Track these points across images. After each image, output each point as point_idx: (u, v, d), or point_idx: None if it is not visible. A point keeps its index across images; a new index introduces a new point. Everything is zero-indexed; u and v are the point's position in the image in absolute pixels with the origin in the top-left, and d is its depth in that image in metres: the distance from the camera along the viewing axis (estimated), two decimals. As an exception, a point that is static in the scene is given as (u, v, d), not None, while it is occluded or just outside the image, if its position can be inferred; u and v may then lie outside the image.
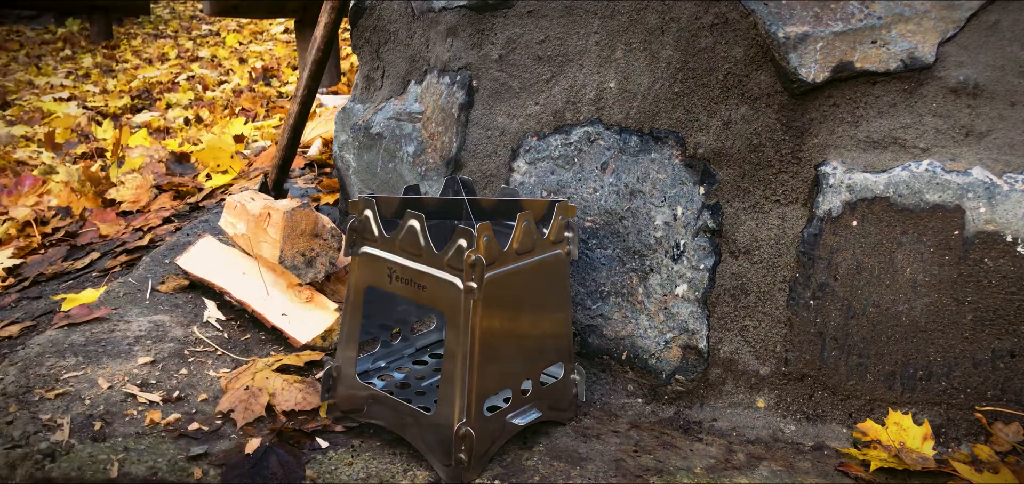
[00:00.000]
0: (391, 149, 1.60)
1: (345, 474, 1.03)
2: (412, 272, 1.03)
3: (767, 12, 1.13)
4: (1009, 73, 1.08)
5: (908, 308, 1.11)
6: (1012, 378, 1.09)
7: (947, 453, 1.09)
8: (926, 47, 1.09)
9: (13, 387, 1.19)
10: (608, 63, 1.30)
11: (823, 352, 1.16)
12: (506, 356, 1.05)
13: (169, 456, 1.05)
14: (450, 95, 1.47)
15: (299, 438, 1.11)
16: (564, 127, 1.35)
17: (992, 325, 1.09)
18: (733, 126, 1.20)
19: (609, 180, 1.29)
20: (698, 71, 1.21)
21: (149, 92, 4.36)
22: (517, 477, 1.03)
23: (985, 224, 1.07)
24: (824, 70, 1.11)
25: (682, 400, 1.23)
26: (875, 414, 1.14)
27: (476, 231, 0.96)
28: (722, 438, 1.15)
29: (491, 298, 0.99)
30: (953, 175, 1.09)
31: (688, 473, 1.05)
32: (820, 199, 1.15)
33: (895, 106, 1.12)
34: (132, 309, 1.48)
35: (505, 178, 1.41)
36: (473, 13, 1.42)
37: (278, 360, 1.29)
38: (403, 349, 1.31)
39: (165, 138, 3.37)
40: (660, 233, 1.25)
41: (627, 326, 1.27)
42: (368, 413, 1.10)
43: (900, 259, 1.11)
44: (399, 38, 1.62)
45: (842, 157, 1.14)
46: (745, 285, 1.20)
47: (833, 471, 1.06)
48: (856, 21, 1.10)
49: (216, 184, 2.41)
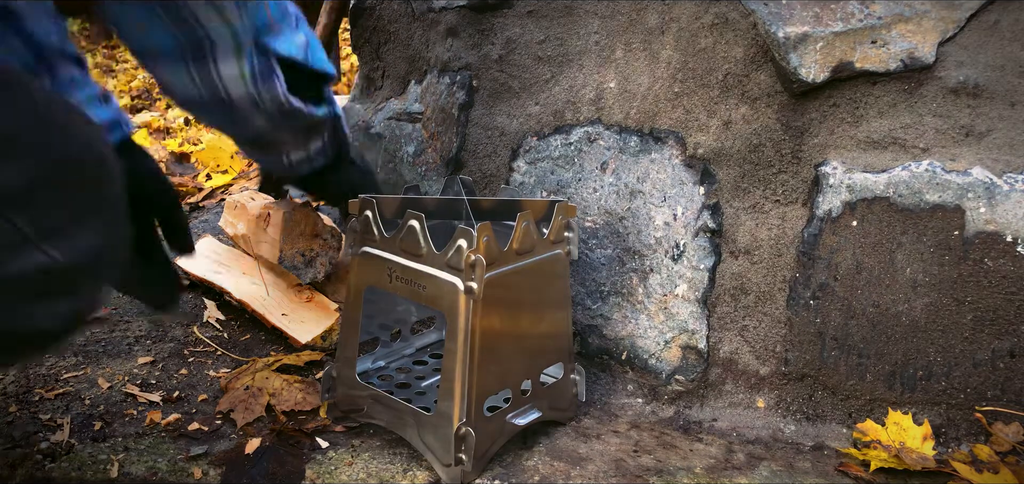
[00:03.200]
0: (391, 149, 1.60)
1: (345, 474, 1.03)
2: (412, 272, 1.03)
3: (767, 12, 1.13)
4: (1009, 73, 1.08)
5: (908, 308, 1.11)
6: (1012, 378, 1.09)
7: (947, 453, 1.09)
8: (926, 47, 1.09)
9: (13, 387, 1.19)
10: (608, 63, 1.30)
11: (823, 352, 1.16)
12: (506, 356, 1.05)
13: (169, 456, 1.06)
14: (450, 95, 1.47)
15: (299, 438, 1.11)
16: (564, 127, 1.35)
17: (992, 325, 1.09)
18: (733, 126, 1.20)
19: (609, 180, 1.29)
20: (698, 71, 1.22)
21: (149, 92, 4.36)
22: (517, 477, 1.03)
23: (985, 224, 1.07)
24: (824, 70, 1.11)
25: (682, 400, 1.23)
26: (875, 414, 1.14)
27: (476, 231, 0.96)
28: (722, 438, 1.15)
29: (491, 298, 0.99)
30: (953, 175, 1.09)
31: (688, 473, 1.05)
32: (820, 199, 1.15)
33: (895, 106, 1.12)
34: (132, 309, 1.48)
35: (505, 178, 1.41)
36: (473, 13, 1.42)
37: (278, 360, 1.29)
38: (403, 349, 1.31)
39: (165, 138, 3.37)
40: (660, 233, 1.25)
41: (627, 326, 1.27)
42: (368, 413, 1.10)
43: (900, 259, 1.11)
44: (399, 38, 1.62)
45: (842, 157, 1.14)
46: (745, 285, 1.20)
47: (833, 471, 1.06)
48: (856, 21, 1.10)
49: (216, 184, 2.41)
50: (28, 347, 0.77)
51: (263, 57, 1.01)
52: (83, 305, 0.76)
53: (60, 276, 0.71)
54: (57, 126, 0.71)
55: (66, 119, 0.72)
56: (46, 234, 0.69)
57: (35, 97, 0.72)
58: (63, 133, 0.71)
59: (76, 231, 0.71)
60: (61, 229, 0.70)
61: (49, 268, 0.70)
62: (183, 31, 0.96)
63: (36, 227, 0.68)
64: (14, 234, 0.67)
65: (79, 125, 0.73)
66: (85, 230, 0.72)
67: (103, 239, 0.75)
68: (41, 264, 0.70)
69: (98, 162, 0.74)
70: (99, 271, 0.76)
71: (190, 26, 0.95)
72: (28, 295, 0.71)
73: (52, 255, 0.70)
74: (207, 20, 0.95)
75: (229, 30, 0.97)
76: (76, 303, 0.75)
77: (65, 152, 0.71)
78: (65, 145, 0.71)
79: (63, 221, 0.70)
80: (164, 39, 0.97)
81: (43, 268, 0.70)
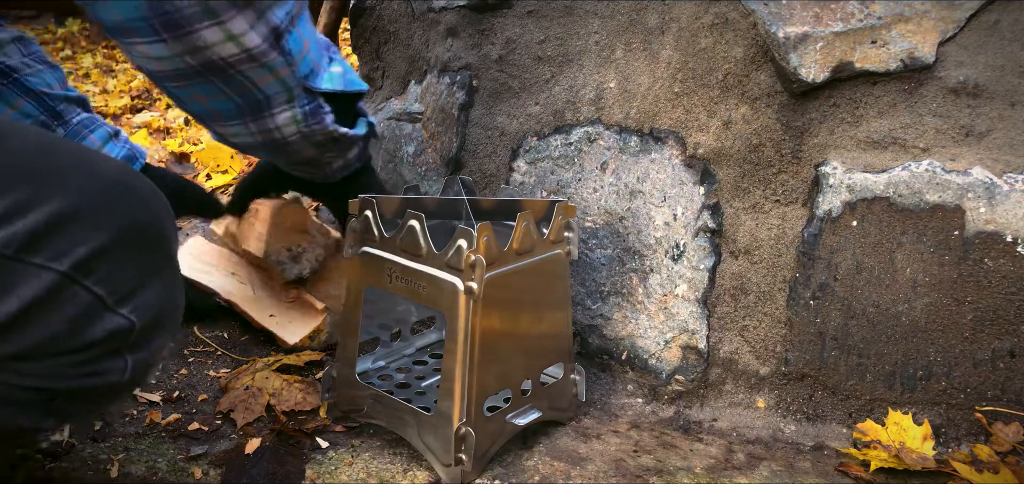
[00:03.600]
0: (391, 149, 1.60)
1: (345, 474, 1.03)
2: (412, 272, 1.03)
3: (767, 12, 1.13)
4: (1009, 73, 1.08)
5: (908, 308, 1.11)
6: (1012, 378, 1.09)
7: (947, 453, 1.09)
8: (926, 47, 1.09)
9: (13, 387, 1.19)
10: (608, 63, 1.30)
11: (823, 352, 1.16)
12: (506, 356, 1.05)
13: (169, 456, 1.06)
14: (450, 95, 1.47)
15: (299, 438, 1.11)
16: (564, 127, 1.35)
17: (992, 325, 1.09)
18: (733, 126, 1.20)
19: (609, 180, 1.29)
20: (698, 71, 1.22)
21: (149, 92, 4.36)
22: (517, 477, 1.03)
23: (985, 224, 1.07)
24: (824, 70, 1.11)
25: (682, 400, 1.23)
26: (875, 414, 1.14)
27: (476, 231, 0.96)
28: (722, 438, 1.15)
29: (491, 298, 0.99)
30: (953, 175, 1.09)
31: (688, 473, 1.05)
32: (820, 199, 1.15)
33: (895, 106, 1.12)
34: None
35: (505, 178, 1.41)
36: (473, 13, 1.42)
37: (278, 360, 1.29)
38: (403, 349, 1.31)
39: (165, 138, 3.37)
40: (660, 233, 1.25)
41: (627, 326, 1.27)
42: (368, 413, 1.10)
43: (900, 259, 1.11)
44: (399, 38, 1.62)
45: (842, 157, 1.14)
46: (745, 285, 1.20)
47: (833, 471, 1.06)
48: (856, 21, 1.10)
49: (216, 184, 2.41)
50: (99, 403, 0.80)
51: (311, 98, 1.08)
52: (152, 357, 0.79)
53: (133, 335, 0.74)
54: (129, 190, 0.74)
55: (135, 182, 0.75)
56: (122, 298, 0.72)
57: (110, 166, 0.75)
58: (133, 196, 0.74)
59: (147, 290, 0.74)
60: (134, 290, 0.73)
61: (125, 330, 0.73)
62: (241, 94, 1.01)
63: (112, 291, 0.71)
64: (92, 302, 0.70)
65: (143, 186, 0.76)
66: (154, 287, 0.75)
67: (169, 292, 0.78)
68: (118, 327, 0.72)
69: (161, 220, 0.77)
70: (166, 324, 0.79)
71: (248, 90, 1.00)
72: (103, 356, 0.73)
73: (130, 318, 0.73)
74: (262, 81, 1.00)
75: (281, 84, 1.02)
76: (146, 357, 0.78)
77: (136, 215, 0.73)
78: (136, 209, 0.74)
79: (136, 282, 0.73)
80: (225, 105, 1.03)
81: (119, 331, 0.72)
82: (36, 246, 0.67)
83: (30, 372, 0.70)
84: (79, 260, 0.68)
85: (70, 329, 0.70)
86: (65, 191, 0.69)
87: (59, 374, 0.71)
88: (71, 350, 0.71)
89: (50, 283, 0.67)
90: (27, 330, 0.68)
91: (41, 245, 0.67)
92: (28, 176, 0.68)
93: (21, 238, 0.66)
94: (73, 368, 0.72)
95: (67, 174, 0.70)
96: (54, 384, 0.72)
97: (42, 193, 0.67)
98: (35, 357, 0.70)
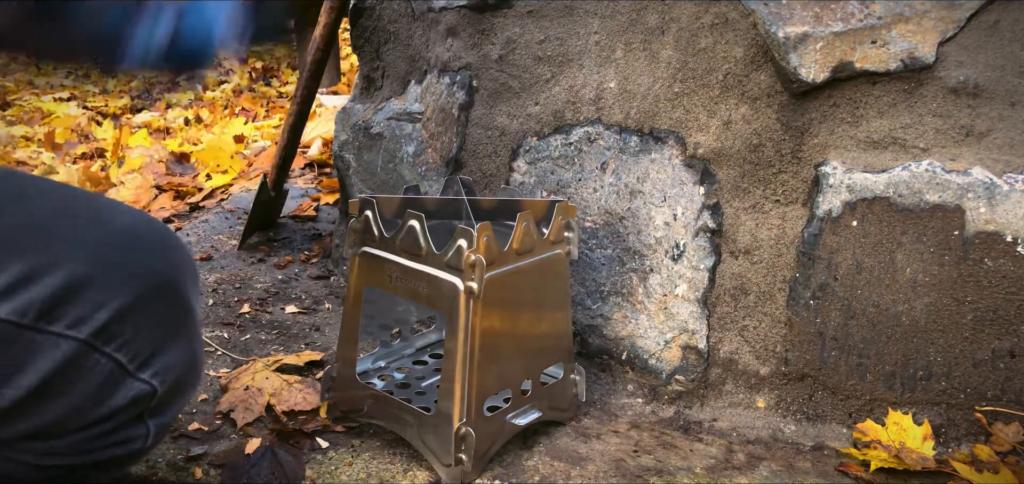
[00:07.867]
0: (391, 149, 1.60)
1: (345, 474, 1.03)
2: (412, 272, 1.03)
3: (767, 12, 1.13)
4: (1009, 73, 1.08)
5: (908, 308, 1.11)
6: (1012, 378, 1.09)
7: (947, 453, 1.09)
8: (926, 47, 1.09)
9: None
10: (608, 63, 1.30)
11: (823, 352, 1.16)
12: (506, 356, 1.05)
13: (169, 456, 1.06)
14: (450, 95, 1.47)
15: (299, 438, 1.11)
16: (564, 127, 1.35)
17: (992, 325, 1.09)
18: (733, 126, 1.20)
19: (609, 180, 1.29)
20: (698, 71, 1.21)
21: (149, 92, 4.36)
22: (517, 477, 1.03)
23: (985, 224, 1.07)
24: (824, 70, 1.11)
25: (682, 400, 1.23)
26: (875, 414, 1.14)
27: (476, 231, 0.96)
28: (722, 438, 1.15)
29: (491, 298, 0.99)
30: (953, 175, 1.09)
31: (688, 473, 1.05)
32: (820, 199, 1.15)
33: (895, 106, 1.12)
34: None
35: (505, 178, 1.41)
36: (473, 13, 1.42)
37: (278, 360, 1.30)
38: (403, 349, 1.31)
39: (165, 138, 3.37)
40: (660, 233, 1.25)
41: (627, 326, 1.27)
42: (368, 413, 1.10)
43: (900, 259, 1.11)
44: (399, 38, 1.62)
45: (842, 157, 1.14)
46: (745, 285, 1.20)
47: (833, 471, 1.06)
48: (856, 21, 1.10)
49: (216, 184, 2.41)
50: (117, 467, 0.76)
51: None
52: (171, 419, 0.76)
53: (156, 399, 0.70)
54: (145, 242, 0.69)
55: (151, 232, 0.71)
56: (143, 362, 0.68)
57: (125, 217, 0.70)
58: (149, 249, 0.70)
59: (168, 351, 0.70)
60: (154, 353, 0.69)
61: (148, 395, 0.69)
62: None
63: (133, 356, 0.67)
64: (114, 369, 0.66)
65: (159, 233, 0.71)
66: (175, 347, 0.70)
67: (189, 351, 0.73)
68: (141, 393, 0.68)
69: (179, 269, 0.71)
70: (187, 386, 0.75)
71: None
72: (125, 425, 0.70)
73: (152, 383, 0.69)
74: None
75: None
76: (166, 419, 0.74)
77: (154, 268, 0.69)
78: (154, 262, 0.69)
79: (156, 343, 0.69)
80: None
81: (142, 396, 0.69)
82: (55, 313, 0.62)
83: (48, 451, 0.66)
84: (100, 326, 0.64)
85: (92, 401, 0.66)
86: (82, 250, 0.65)
87: (79, 449, 0.67)
88: (92, 423, 0.67)
89: (70, 352, 0.63)
90: (47, 405, 0.64)
91: (60, 312, 0.63)
92: (44, 236, 0.64)
93: (39, 306, 0.62)
94: (94, 441, 0.68)
95: (83, 230, 0.66)
96: (74, 460, 0.68)
97: (58, 256, 0.63)
98: (55, 434, 0.66)
